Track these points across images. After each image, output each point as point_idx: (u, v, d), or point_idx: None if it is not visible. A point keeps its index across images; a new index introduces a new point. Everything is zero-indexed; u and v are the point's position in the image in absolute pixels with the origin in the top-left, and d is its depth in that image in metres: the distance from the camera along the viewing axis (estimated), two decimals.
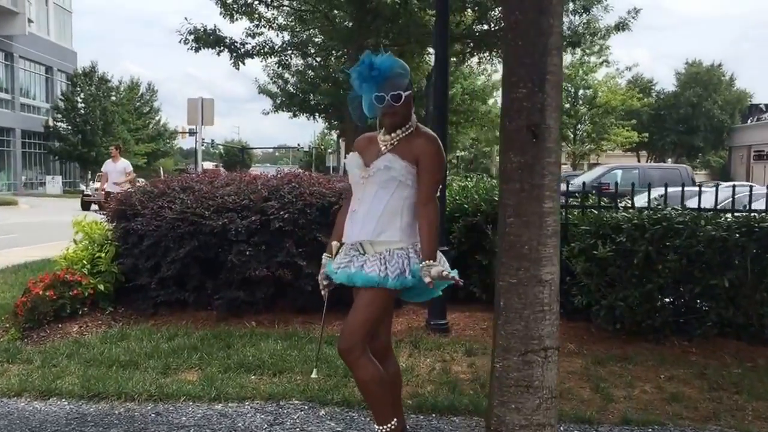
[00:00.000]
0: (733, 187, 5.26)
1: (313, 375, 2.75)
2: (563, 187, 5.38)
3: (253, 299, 4.71)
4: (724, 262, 4.20)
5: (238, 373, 3.59)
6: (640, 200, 5.21)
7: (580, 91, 34.96)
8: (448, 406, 3.15)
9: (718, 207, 4.66)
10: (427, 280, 2.33)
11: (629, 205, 4.72)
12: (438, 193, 2.50)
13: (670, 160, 40.23)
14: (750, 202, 4.79)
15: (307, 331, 4.39)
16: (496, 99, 27.35)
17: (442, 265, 2.38)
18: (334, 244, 2.58)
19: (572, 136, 35.55)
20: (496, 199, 5.39)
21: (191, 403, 3.22)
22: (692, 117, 40.03)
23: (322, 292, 2.61)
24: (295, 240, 4.63)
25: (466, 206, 5.18)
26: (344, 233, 2.54)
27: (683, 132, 40.29)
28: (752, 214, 4.37)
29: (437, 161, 2.44)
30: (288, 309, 4.80)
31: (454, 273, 2.39)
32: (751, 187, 5.46)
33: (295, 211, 4.63)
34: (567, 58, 30.49)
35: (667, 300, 4.33)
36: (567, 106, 33.85)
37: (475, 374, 3.62)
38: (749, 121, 41.51)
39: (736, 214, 4.50)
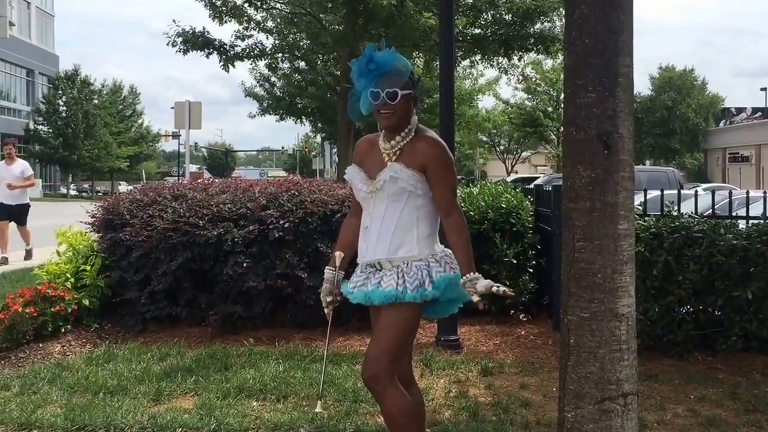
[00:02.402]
0: (730, 192, 5.13)
1: (318, 409, 2.47)
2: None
3: (250, 314, 4.42)
4: (745, 273, 4.01)
5: (239, 399, 3.28)
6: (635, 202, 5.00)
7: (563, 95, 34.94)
8: None
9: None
10: (475, 299, 2.11)
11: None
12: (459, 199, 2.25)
13: (648, 162, 40.51)
14: (747, 206, 4.59)
15: (310, 348, 4.10)
16: (480, 102, 27.28)
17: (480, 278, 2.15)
18: (338, 254, 2.36)
19: (556, 139, 35.64)
20: (503, 206, 5.21)
21: None
22: (668, 120, 40.30)
23: (326, 311, 2.36)
24: (296, 250, 4.36)
25: (471, 213, 4.96)
26: (359, 251, 2.32)
27: (660, 135, 40.56)
28: None
29: (446, 165, 2.22)
30: (288, 324, 4.52)
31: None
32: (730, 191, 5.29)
33: (296, 220, 4.36)
34: (548, 63, 30.72)
35: (684, 310, 4.13)
36: (550, 109, 34.00)
37: (495, 397, 3.37)
38: (722, 124, 41.97)
39: (754, 221, 4.32)
